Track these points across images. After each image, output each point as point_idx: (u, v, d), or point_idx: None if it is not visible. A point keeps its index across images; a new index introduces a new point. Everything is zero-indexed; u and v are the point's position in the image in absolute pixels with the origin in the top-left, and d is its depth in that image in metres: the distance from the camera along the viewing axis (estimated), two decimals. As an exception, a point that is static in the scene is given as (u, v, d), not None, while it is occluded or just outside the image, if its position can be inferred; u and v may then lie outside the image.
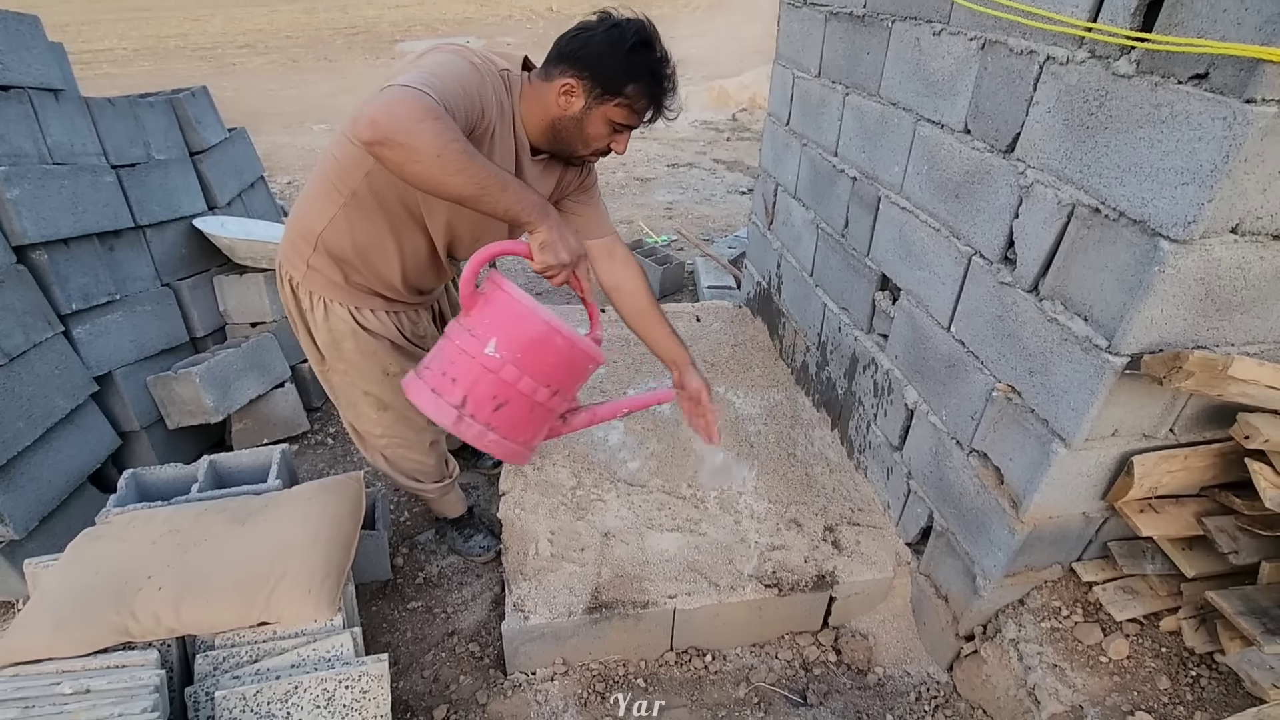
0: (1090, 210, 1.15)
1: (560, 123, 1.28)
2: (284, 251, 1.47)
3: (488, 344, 1.10)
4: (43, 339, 1.83)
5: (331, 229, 1.37)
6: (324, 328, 1.49)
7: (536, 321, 1.11)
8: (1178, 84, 1.00)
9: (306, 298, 1.47)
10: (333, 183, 1.34)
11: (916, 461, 1.71)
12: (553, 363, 1.14)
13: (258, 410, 2.38)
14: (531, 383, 1.13)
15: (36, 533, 1.79)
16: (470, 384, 1.11)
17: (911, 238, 1.68)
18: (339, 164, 1.32)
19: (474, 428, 1.12)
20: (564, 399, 1.22)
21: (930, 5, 1.54)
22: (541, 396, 1.16)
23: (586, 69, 1.22)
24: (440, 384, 1.12)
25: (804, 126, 2.26)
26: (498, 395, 1.12)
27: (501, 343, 1.11)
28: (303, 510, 1.56)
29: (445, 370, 1.13)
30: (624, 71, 1.22)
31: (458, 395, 1.11)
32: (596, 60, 1.21)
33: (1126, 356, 1.12)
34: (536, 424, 1.20)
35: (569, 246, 1.17)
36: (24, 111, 1.82)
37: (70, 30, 14.24)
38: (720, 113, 8.72)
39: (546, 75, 1.27)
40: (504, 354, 1.11)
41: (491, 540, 2.02)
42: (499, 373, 1.11)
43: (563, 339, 1.12)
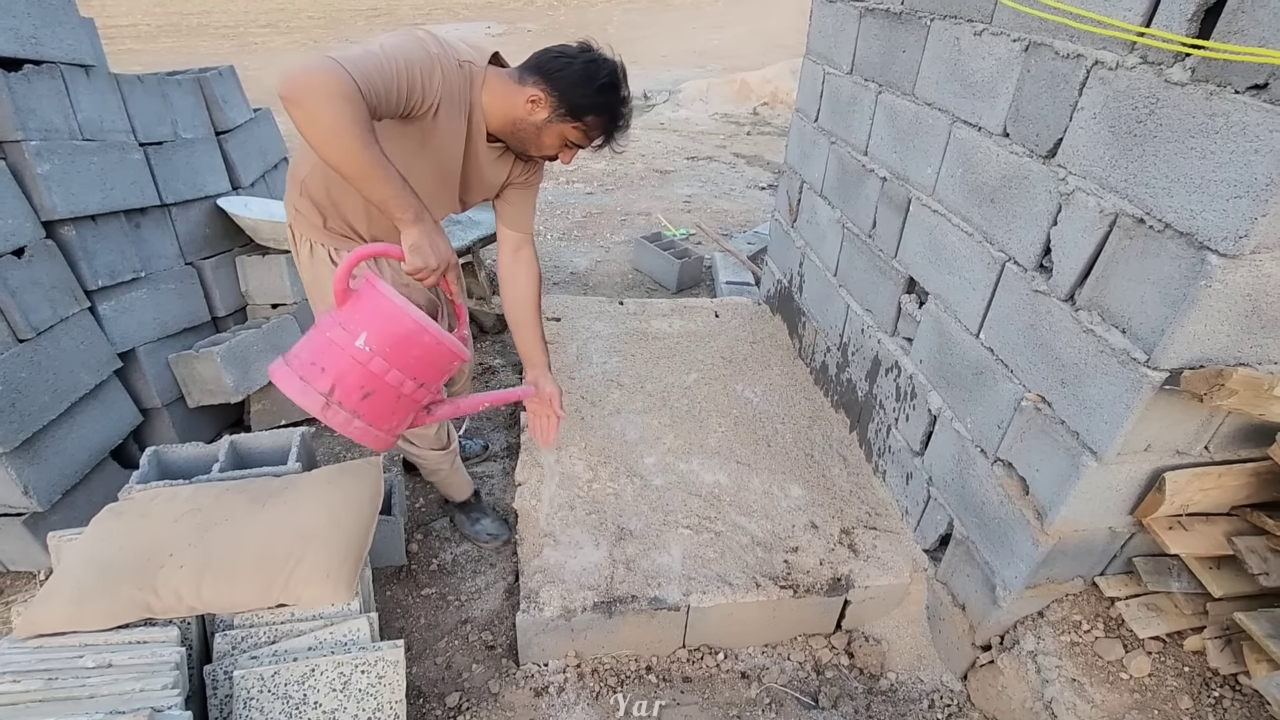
0: (1134, 220, 1.13)
1: (521, 124, 1.39)
2: (287, 198, 1.56)
3: (359, 337, 1.16)
4: (69, 314, 1.84)
5: (311, 176, 1.46)
6: (309, 268, 1.56)
7: (406, 319, 1.17)
8: (1235, 94, 0.97)
9: (296, 239, 1.55)
10: None
11: (938, 468, 1.69)
12: (419, 357, 1.21)
13: (276, 392, 2.39)
14: (399, 375, 1.19)
15: (59, 505, 1.81)
16: (339, 374, 1.16)
17: (942, 241, 1.65)
18: None
19: (340, 415, 1.16)
20: (429, 391, 1.27)
21: (972, 4, 1.51)
22: (408, 389, 1.22)
23: (557, 90, 1.33)
24: (309, 372, 1.16)
25: (833, 124, 2.23)
26: (365, 385, 1.17)
27: (371, 336, 1.16)
28: (322, 494, 1.57)
29: (315, 360, 1.17)
30: (589, 104, 1.35)
31: (326, 384, 1.15)
32: (569, 86, 1.33)
33: (1165, 371, 1.09)
34: (402, 413, 1.26)
35: (438, 252, 1.26)
36: (55, 87, 1.82)
37: (95, 5, 14.31)
38: (741, 106, 8.65)
39: (519, 79, 1.37)
40: (374, 347, 1.16)
41: (501, 528, 2.03)
42: (368, 365, 1.16)
43: (430, 336, 1.19)
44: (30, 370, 1.72)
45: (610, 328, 2.69)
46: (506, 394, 1.56)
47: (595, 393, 2.30)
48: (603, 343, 2.59)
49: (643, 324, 2.72)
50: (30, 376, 1.72)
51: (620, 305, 2.86)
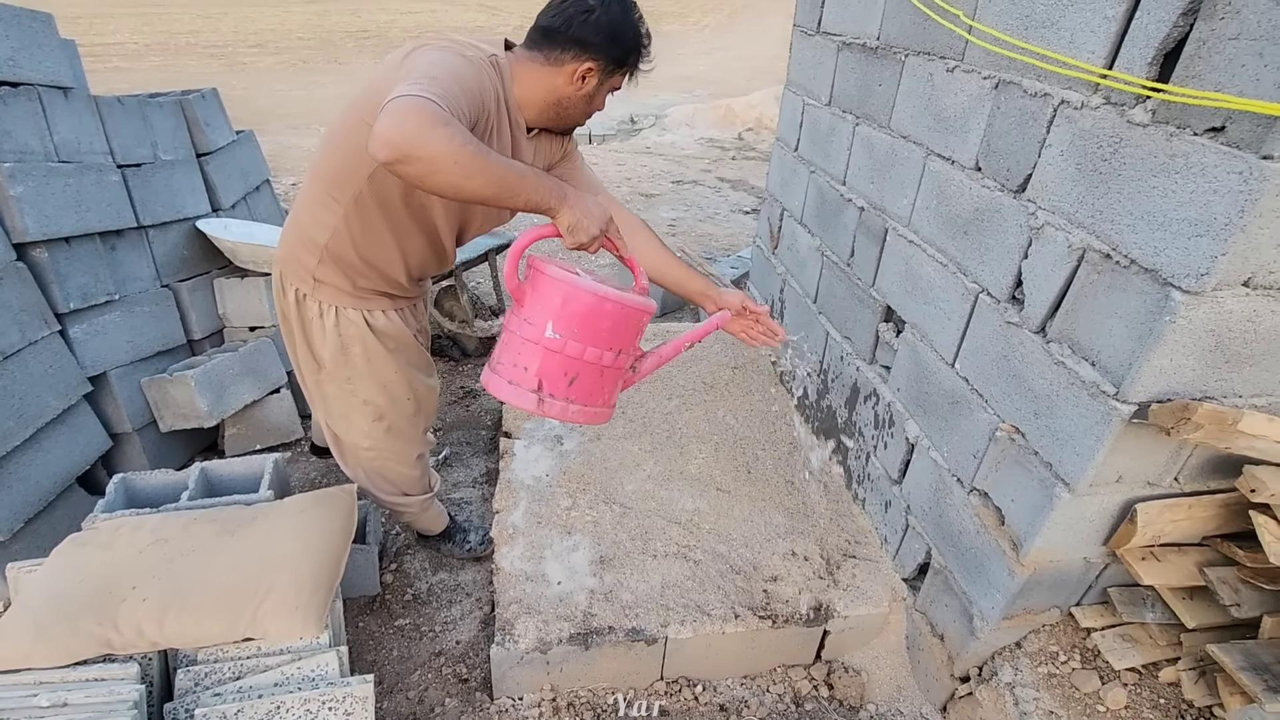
0: (1101, 256, 1.15)
1: (567, 101, 1.31)
2: (285, 264, 1.46)
3: (545, 327, 1.14)
4: (38, 337, 1.81)
5: (335, 240, 1.38)
6: (334, 334, 1.48)
7: (583, 294, 1.14)
8: (1193, 135, 0.99)
9: (315, 307, 1.46)
10: (330, 194, 1.34)
11: (916, 496, 1.70)
12: (609, 327, 1.17)
13: (251, 415, 2.36)
14: (596, 351, 1.17)
15: (21, 534, 1.76)
16: (541, 367, 1.16)
17: (918, 271, 1.67)
18: (335, 174, 1.32)
19: (555, 405, 1.18)
20: (628, 355, 1.25)
21: (944, 42, 1.55)
22: (608, 360, 1.19)
23: (602, 52, 1.25)
24: (515, 375, 1.17)
25: (813, 154, 2.27)
26: (568, 371, 1.17)
27: (558, 322, 1.14)
28: (293, 523, 1.54)
29: (515, 361, 1.18)
30: (631, 45, 1.28)
31: (533, 381, 1.16)
32: (611, 42, 1.25)
33: (1134, 405, 1.11)
34: (610, 384, 1.25)
35: (594, 218, 1.18)
36: (32, 109, 1.81)
37: (82, 23, 14.31)
38: (726, 131, 8.78)
39: (549, 58, 1.27)
40: (563, 332, 1.14)
41: (485, 534, 2.00)
42: (563, 350, 1.15)
43: (612, 303, 1.15)
44: (-5, 395, 1.69)
45: (592, 352, 2.68)
46: (703, 327, 1.41)
47: (576, 417, 2.29)
48: (584, 367, 2.58)
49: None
50: (-5, 401, 1.68)
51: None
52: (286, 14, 17.29)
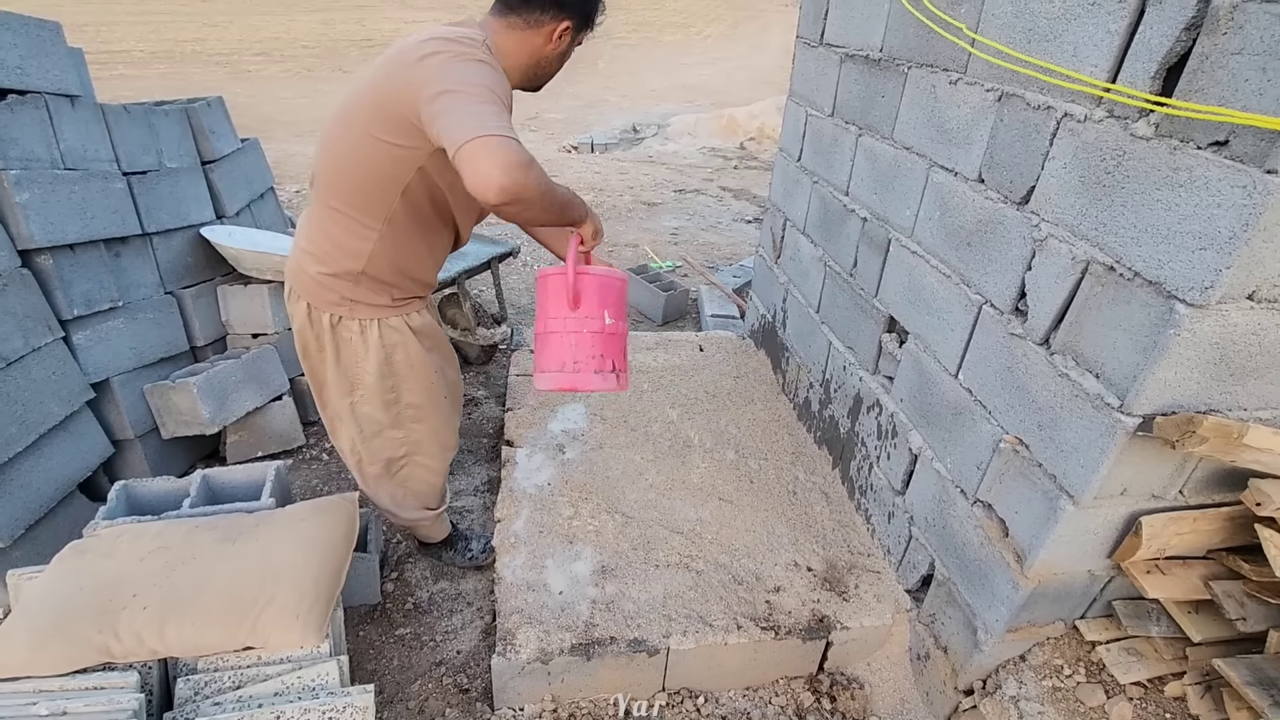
0: (1105, 268, 1.15)
1: (545, 60, 1.41)
2: (313, 294, 1.46)
3: (604, 318, 1.35)
4: (42, 344, 1.81)
5: (372, 263, 1.41)
6: (377, 346, 1.50)
7: (616, 280, 1.39)
8: (1197, 149, 1.00)
9: (354, 325, 1.48)
10: (360, 221, 1.38)
11: (919, 507, 1.69)
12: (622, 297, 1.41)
13: (254, 423, 2.36)
14: (622, 322, 1.41)
15: (21, 540, 1.76)
16: (614, 353, 1.38)
17: (921, 282, 1.67)
18: (362, 200, 1.36)
19: (625, 377, 1.40)
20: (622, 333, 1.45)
21: (947, 55, 1.56)
22: (622, 330, 1.42)
23: (576, 10, 1.37)
24: (597, 365, 1.35)
25: (815, 164, 2.28)
26: (620, 346, 1.41)
27: (611, 310, 1.37)
28: (295, 532, 1.53)
29: (591, 354, 1.35)
30: (596, 4, 1.42)
31: (609, 364, 1.36)
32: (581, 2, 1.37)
33: (1139, 417, 1.11)
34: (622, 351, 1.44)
35: (599, 223, 1.43)
36: (39, 117, 1.82)
37: (89, 31, 14.40)
38: (728, 141, 8.81)
39: (529, 21, 1.35)
40: (614, 316, 1.37)
41: (486, 541, 2.01)
42: (616, 331, 1.38)
43: (620, 279, 1.40)
44: (-1, 401, 1.69)
45: (594, 361, 2.68)
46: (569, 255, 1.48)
47: (578, 427, 2.29)
48: (586, 376, 2.58)
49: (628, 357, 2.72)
50: (-2, 408, 1.69)
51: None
52: (291, 23, 17.39)
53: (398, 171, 1.31)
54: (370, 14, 19.97)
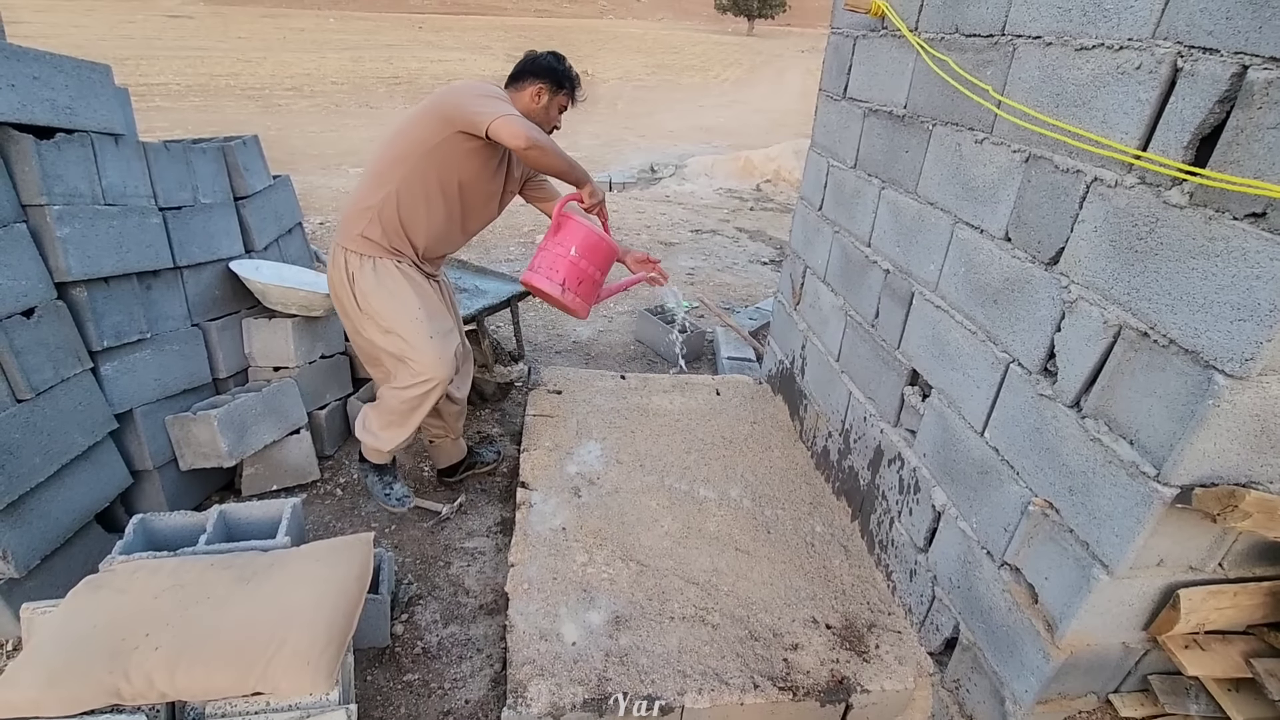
0: (1139, 334, 1.14)
1: (535, 115, 2.00)
2: (342, 235, 1.97)
3: (571, 249, 1.97)
4: (71, 375, 1.83)
5: (385, 205, 1.92)
6: (372, 278, 1.95)
7: (594, 233, 1.98)
8: (1233, 220, 0.99)
9: (356, 260, 1.95)
10: (388, 173, 1.91)
11: (943, 567, 1.65)
12: (602, 255, 2.01)
13: (270, 456, 2.36)
14: (593, 268, 1.99)
15: (37, 571, 1.75)
16: (565, 271, 1.96)
17: (945, 337, 1.67)
18: (394, 161, 1.90)
19: (569, 295, 1.96)
20: (603, 275, 2.06)
21: (972, 114, 1.58)
22: (597, 276, 2.03)
23: (545, 76, 2.00)
24: (550, 274, 1.96)
25: (837, 214, 2.29)
26: (579, 278, 1.98)
27: (579, 247, 1.97)
28: (309, 572, 1.52)
29: (552, 266, 1.97)
30: (563, 73, 2.03)
31: (559, 278, 1.96)
32: (549, 70, 2.01)
33: (1176, 488, 1.08)
34: (594, 291, 2.05)
35: (599, 192, 2.04)
36: (85, 154, 1.88)
37: (129, 64, 14.97)
38: (745, 182, 8.92)
39: (520, 89, 2.01)
40: (579, 252, 1.97)
41: (407, 492, 2.29)
42: (578, 263, 1.96)
43: (607, 241, 2.00)
44: (24, 431, 1.70)
45: (611, 402, 2.68)
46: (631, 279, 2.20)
47: (594, 470, 2.27)
48: (603, 418, 2.57)
49: (644, 399, 2.72)
50: (24, 437, 1.70)
51: (622, 379, 2.86)
52: (323, 60, 18.00)
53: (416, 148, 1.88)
54: (398, 52, 20.65)
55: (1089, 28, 1.25)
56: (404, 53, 20.64)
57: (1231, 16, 0.99)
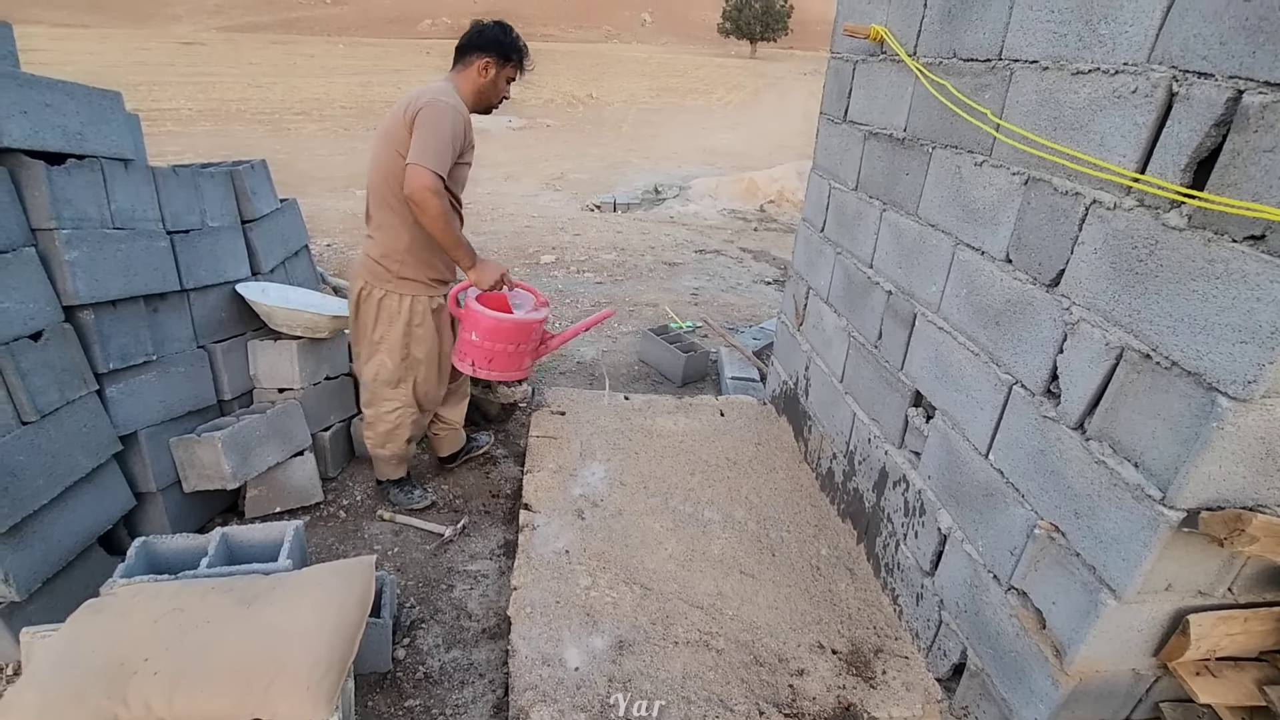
0: (1141, 356, 1.14)
1: (484, 89, 2.05)
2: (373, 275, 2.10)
3: (472, 334, 2.07)
4: (76, 397, 1.84)
5: (412, 244, 2.05)
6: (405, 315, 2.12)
7: (488, 319, 2.04)
8: (1233, 242, 1.00)
9: (394, 300, 2.10)
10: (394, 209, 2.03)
11: (949, 591, 1.63)
12: (508, 331, 2.07)
13: (274, 477, 2.36)
14: (503, 345, 2.07)
15: (38, 594, 1.74)
16: (474, 354, 2.09)
17: (948, 359, 1.66)
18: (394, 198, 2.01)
19: (482, 372, 2.11)
20: (530, 345, 2.14)
21: (972, 137, 1.59)
22: (511, 349, 2.10)
23: (491, 49, 2.02)
24: (460, 359, 2.14)
25: (839, 235, 2.30)
26: (489, 356, 2.09)
27: (479, 332, 2.06)
28: (310, 596, 1.51)
29: (460, 351, 2.14)
30: (510, 45, 2.04)
31: (468, 360, 2.12)
32: (494, 42, 2.02)
33: (1182, 511, 1.07)
34: (519, 360, 2.14)
35: (488, 274, 2.05)
36: (94, 179, 1.90)
37: (142, 90, 15.25)
38: (748, 203, 8.98)
39: (466, 64, 2.03)
40: (481, 337, 2.06)
41: (425, 492, 2.48)
42: (482, 345, 2.07)
43: (508, 323, 2.06)
44: (29, 453, 1.71)
45: (615, 423, 2.68)
46: (592, 319, 2.33)
47: (598, 492, 2.26)
48: (606, 439, 2.57)
49: (647, 421, 2.71)
50: (28, 460, 1.70)
51: (625, 400, 2.86)
52: (332, 84, 18.31)
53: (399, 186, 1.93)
54: (406, 77, 20.98)
55: (1084, 52, 1.26)
56: (411, 77, 20.97)
57: (1225, 41, 1.00)
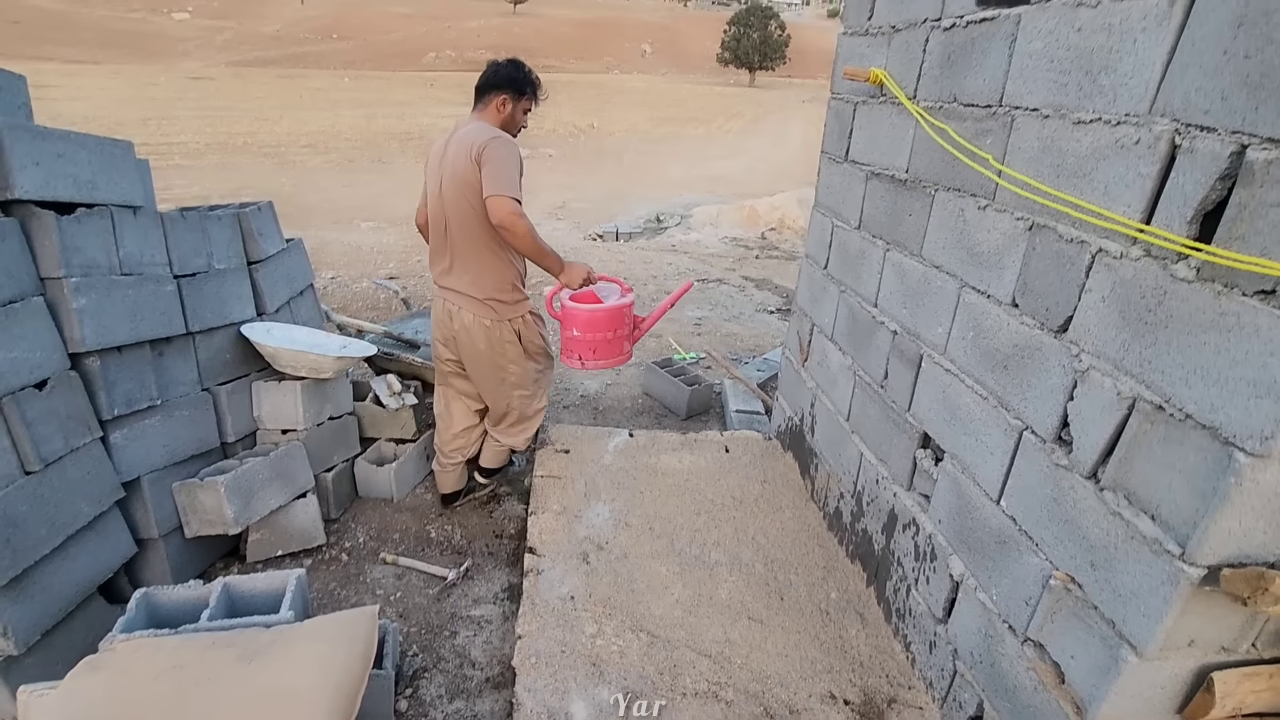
0: (1153, 406, 1.12)
1: (504, 122, 2.24)
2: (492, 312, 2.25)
3: (573, 330, 2.33)
4: (80, 444, 1.84)
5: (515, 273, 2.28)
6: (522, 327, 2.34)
7: (584, 313, 2.31)
8: (1243, 296, 0.99)
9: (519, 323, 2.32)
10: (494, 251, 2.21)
11: (963, 640, 1.60)
12: (604, 321, 2.32)
13: (276, 521, 2.34)
14: (602, 334, 2.32)
15: (36, 647, 1.72)
16: (578, 348, 2.35)
17: (956, 401, 1.65)
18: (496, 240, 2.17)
19: (589, 364, 2.38)
20: (625, 329, 2.38)
21: (974, 181, 1.60)
22: (610, 336, 2.34)
23: (507, 87, 2.22)
24: (568, 355, 2.39)
25: (842, 274, 2.31)
26: (592, 346, 2.34)
27: (578, 327, 2.32)
28: (311, 650, 1.48)
29: (569, 349, 2.38)
30: (524, 80, 2.24)
31: (576, 356, 2.37)
32: (509, 80, 2.22)
33: (1203, 568, 1.05)
34: (619, 345, 2.38)
35: (576, 275, 2.23)
36: (104, 227, 1.92)
37: (151, 124, 15.52)
38: (750, 231, 9.04)
39: (486, 102, 2.23)
40: (581, 330, 2.32)
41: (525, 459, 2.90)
42: (584, 338, 2.32)
43: (602, 313, 2.32)
44: (31, 503, 1.69)
45: (619, 461, 2.66)
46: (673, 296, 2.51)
47: (603, 534, 2.24)
48: (611, 478, 2.55)
49: (652, 458, 2.69)
50: (30, 510, 1.69)
51: (630, 437, 2.84)
52: (337, 118, 18.60)
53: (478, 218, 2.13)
54: (410, 109, 21.32)
55: (1085, 102, 1.27)
56: (416, 110, 21.32)
57: (1227, 96, 1.01)
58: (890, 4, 1.99)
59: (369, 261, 6.55)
